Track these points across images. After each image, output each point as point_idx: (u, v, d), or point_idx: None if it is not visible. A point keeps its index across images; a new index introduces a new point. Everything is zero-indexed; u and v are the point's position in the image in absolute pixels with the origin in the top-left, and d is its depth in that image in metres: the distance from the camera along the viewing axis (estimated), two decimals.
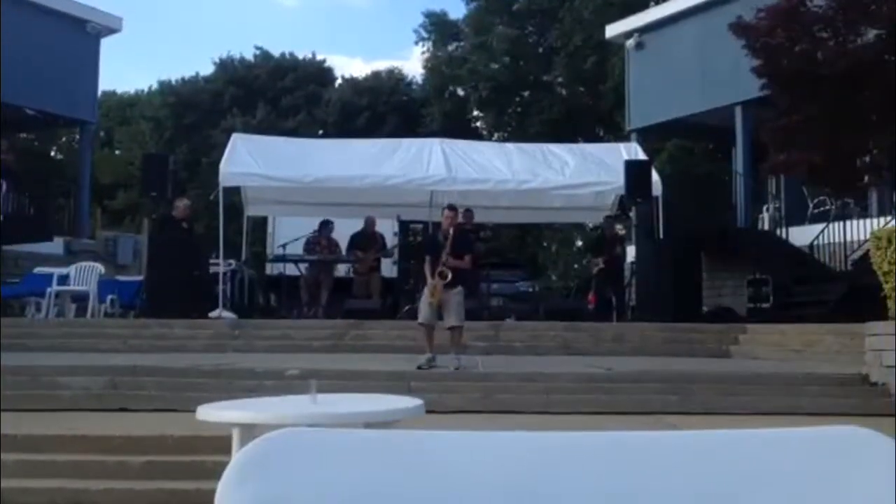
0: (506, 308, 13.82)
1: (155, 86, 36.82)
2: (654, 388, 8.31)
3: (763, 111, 13.52)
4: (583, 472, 1.15)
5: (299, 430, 1.20)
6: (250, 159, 13.19)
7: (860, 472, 1.15)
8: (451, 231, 8.93)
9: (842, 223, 14.87)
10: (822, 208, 16.52)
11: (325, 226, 14.34)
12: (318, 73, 34.27)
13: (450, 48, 32.47)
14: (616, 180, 13.21)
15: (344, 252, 14.35)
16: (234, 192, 14.31)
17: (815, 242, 15.18)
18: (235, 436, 3.81)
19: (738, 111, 16.86)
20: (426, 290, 8.88)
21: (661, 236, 13.58)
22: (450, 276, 8.65)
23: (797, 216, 16.60)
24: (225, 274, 13.10)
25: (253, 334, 11.24)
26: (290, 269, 14.31)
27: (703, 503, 1.14)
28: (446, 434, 1.18)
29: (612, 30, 20.72)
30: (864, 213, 15.38)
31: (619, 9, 23.35)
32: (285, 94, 32.04)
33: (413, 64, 62.26)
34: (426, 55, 32.97)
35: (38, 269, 14.06)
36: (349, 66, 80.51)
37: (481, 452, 1.16)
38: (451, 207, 9.34)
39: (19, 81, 16.88)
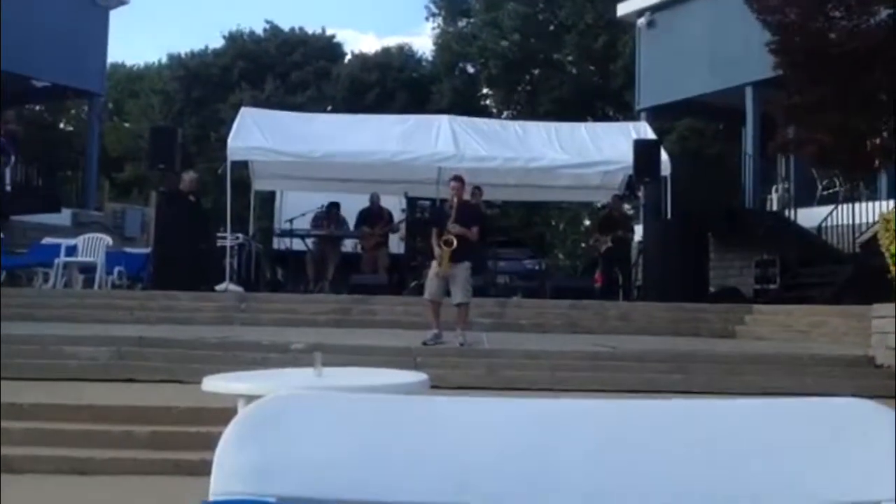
0: (512, 286, 13.82)
1: (164, 59, 36.78)
2: (659, 367, 8.33)
3: (774, 92, 13.42)
4: (584, 437, 1.15)
5: (297, 393, 1.20)
6: (258, 134, 13.18)
7: (858, 442, 1.16)
8: (455, 201, 8.87)
9: (851, 205, 14.80)
10: (831, 190, 16.45)
11: (332, 208, 14.30)
12: (328, 49, 34.06)
13: (460, 24, 32.27)
14: (624, 160, 13.16)
15: (353, 228, 14.35)
16: (241, 167, 14.30)
17: (824, 224, 15.13)
18: (240, 407, 3.83)
19: (749, 91, 16.74)
20: (433, 266, 8.85)
21: (669, 216, 13.54)
22: (455, 242, 8.51)
23: (806, 198, 16.53)
24: (232, 248, 13.14)
25: (259, 308, 11.28)
26: (298, 245, 14.33)
27: (701, 471, 1.15)
28: (445, 399, 1.18)
29: (624, 8, 20.59)
30: (873, 196, 15.30)
31: None
32: (294, 68, 31.87)
33: (424, 40, 61.92)
34: (436, 31, 32.83)
35: (45, 240, 14.09)
36: (361, 41, 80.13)
37: (480, 417, 1.17)
38: (458, 178, 9.27)
39: (28, 52, 16.84)
